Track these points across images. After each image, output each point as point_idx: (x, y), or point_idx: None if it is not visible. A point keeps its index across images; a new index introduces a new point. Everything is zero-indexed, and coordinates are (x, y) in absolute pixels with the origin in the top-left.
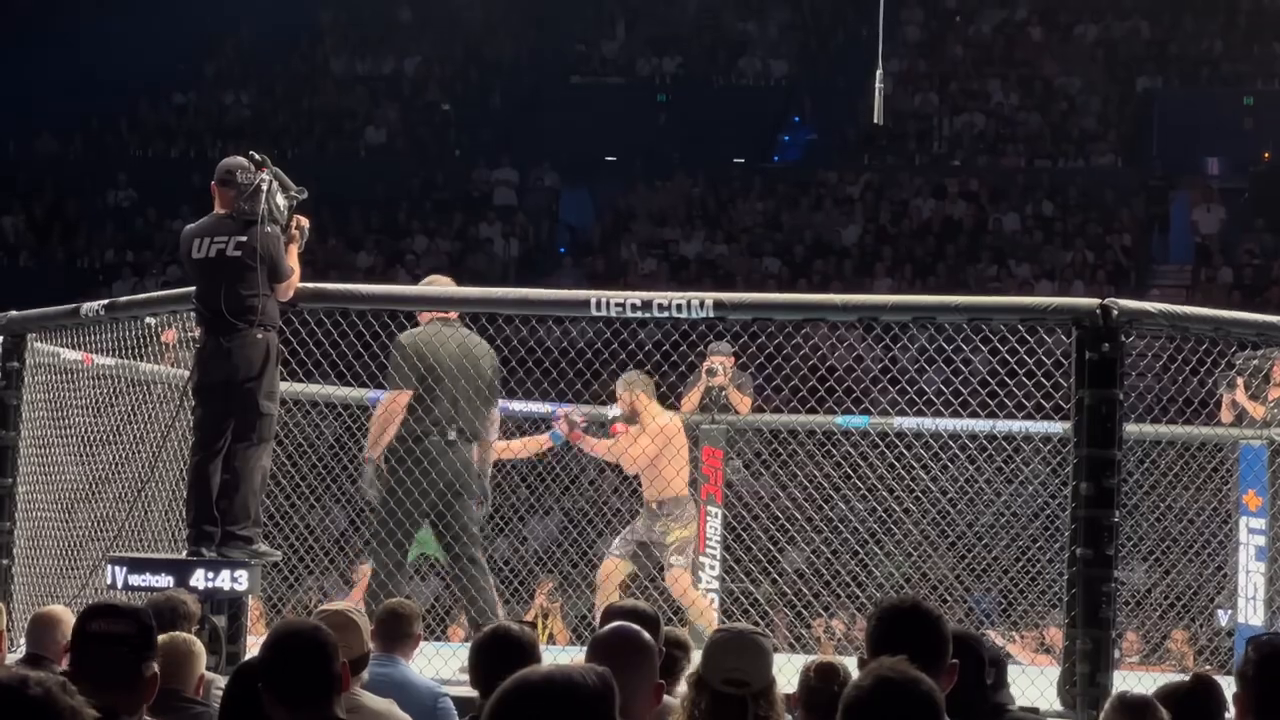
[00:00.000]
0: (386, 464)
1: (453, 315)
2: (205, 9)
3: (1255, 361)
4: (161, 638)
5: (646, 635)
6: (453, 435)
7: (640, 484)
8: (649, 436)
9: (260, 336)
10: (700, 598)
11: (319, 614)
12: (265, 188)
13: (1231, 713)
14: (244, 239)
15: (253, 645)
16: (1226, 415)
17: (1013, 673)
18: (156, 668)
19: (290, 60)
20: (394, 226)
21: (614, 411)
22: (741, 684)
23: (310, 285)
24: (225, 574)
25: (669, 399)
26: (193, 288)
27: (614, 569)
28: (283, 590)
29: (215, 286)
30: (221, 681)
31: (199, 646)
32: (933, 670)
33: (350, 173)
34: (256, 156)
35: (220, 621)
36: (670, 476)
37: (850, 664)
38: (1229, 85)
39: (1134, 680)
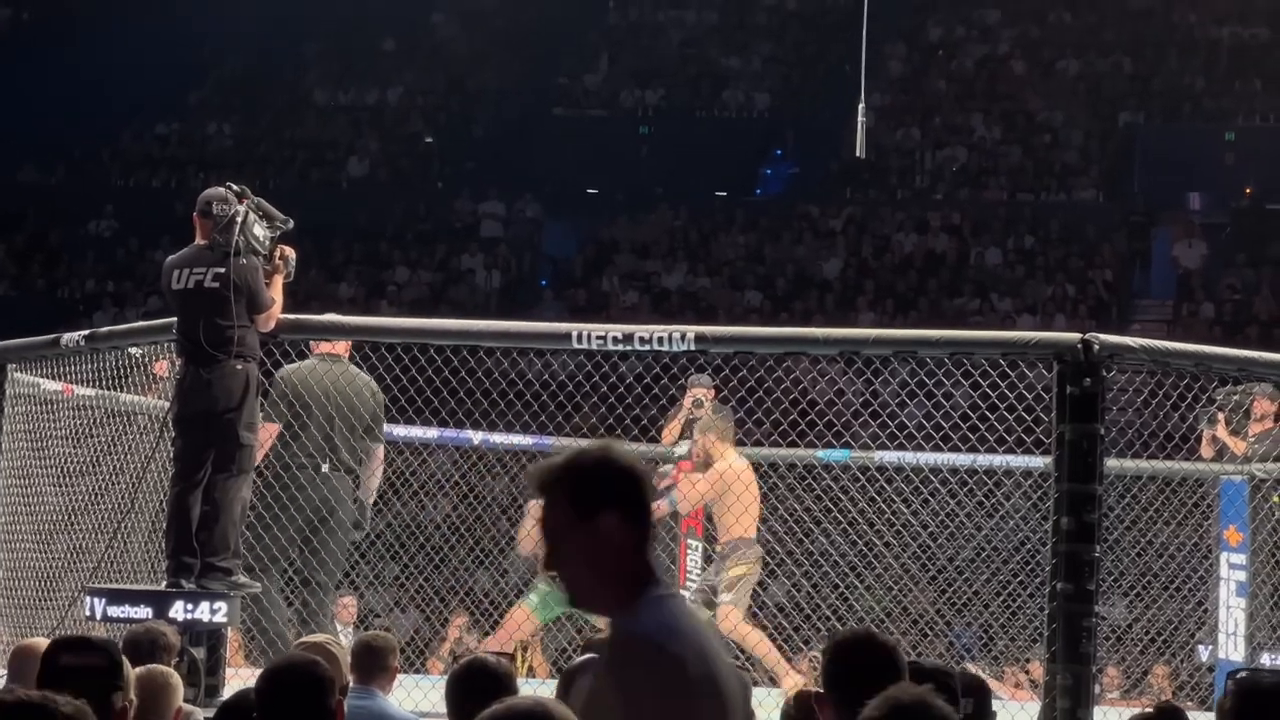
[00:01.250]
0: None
1: (340, 350)
2: (189, 39)
3: (1236, 397)
4: (138, 670)
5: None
6: (325, 467)
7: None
8: (707, 481)
9: (240, 368)
10: (753, 631)
11: (298, 645)
12: (240, 219)
13: None
14: (222, 270)
15: (231, 677)
16: (1207, 450)
17: (994, 708)
18: (125, 700)
19: (273, 90)
20: (375, 257)
21: (680, 449)
22: None
23: (290, 316)
24: (204, 606)
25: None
26: (174, 318)
27: (725, 615)
28: (263, 622)
29: (194, 318)
30: (200, 715)
31: (176, 679)
32: None
33: (332, 203)
34: (235, 188)
35: (199, 653)
36: (730, 521)
37: None
38: (1211, 121)
39: (1115, 716)
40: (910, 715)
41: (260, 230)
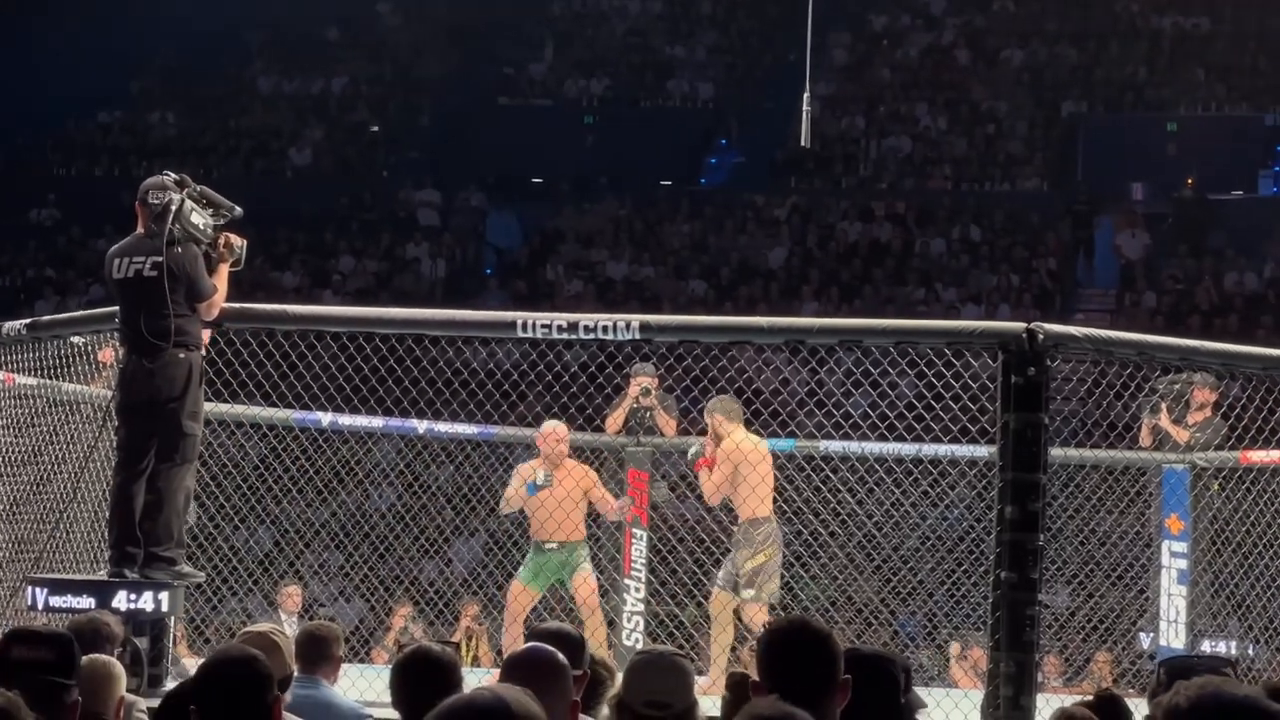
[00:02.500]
0: None
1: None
2: (132, 28)
3: (1178, 386)
4: (81, 660)
5: (561, 656)
6: None
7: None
8: (720, 469)
9: (182, 356)
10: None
11: (242, 635)
12: (175, 208)
13: None
14: (160, 259)
15: (175, 666)
16: (1146, 439)
17: (937, 695)
18: (78, 693)
19: (217, 79)
20: (320, 246)
21: (692, 449)
22: (663, 705)
23: (235, 305)
24: (148, 595)
25: (753, 424)
26: (116, 307)
27: (725, 603)
28: (206, 611)
29: (135, 307)
30: (142, 704)
31: (119, 669)
32: (825, 688)
33: (277, 192)
34: (174, 176)
35: (142, 643)
36: (741, 499)
37: None
38: (1153, 111)
39: (1057, 703)
40: None
41: (199, 218)
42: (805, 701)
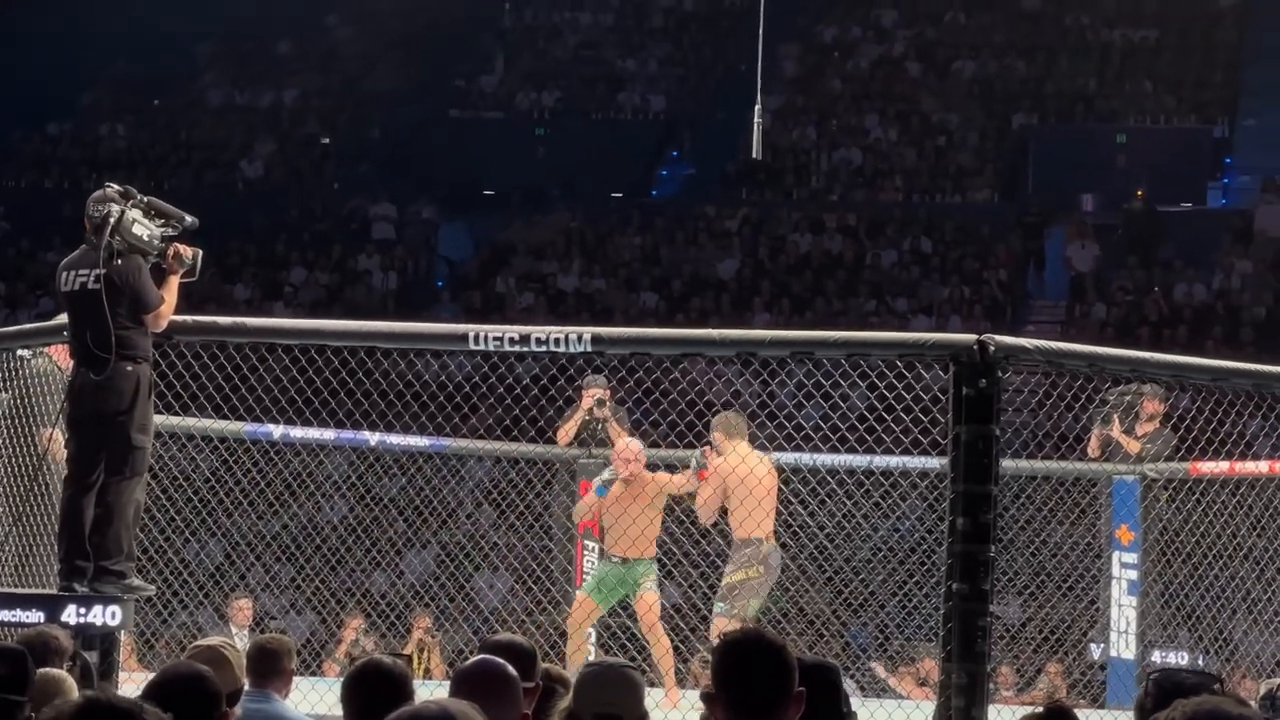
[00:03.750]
0: None
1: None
2: (82, 40)
3: (1128, 398)
4: (34, 675)
5: (510, 668)
6: None
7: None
8: (709, 485)
9: (130, 369)
10: None
11: (192, 649)
12: (114, 220)
13: None
14: (103, 271)
15: (125, 681)
16: (1095, 450)
17: (889, 707)
18: (30, 710)
19: (167, 91)
20: (271, 259)
21: (695, 461)
22: (613, 717)
23: (186, 318)
24: (98, 609)
25: (759, 439)
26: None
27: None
28: (157, 625)
29: (81, 320)
30: None
31: (69, 683)
32: (780, 700)
33: (228, 204)
34: (118, 188)
35: (92, 657)
36: (736, 521)
37: None
38: (1103, 123)
39: (1009, 714)
40: None
41: (143, 229)
42: (760, 713)
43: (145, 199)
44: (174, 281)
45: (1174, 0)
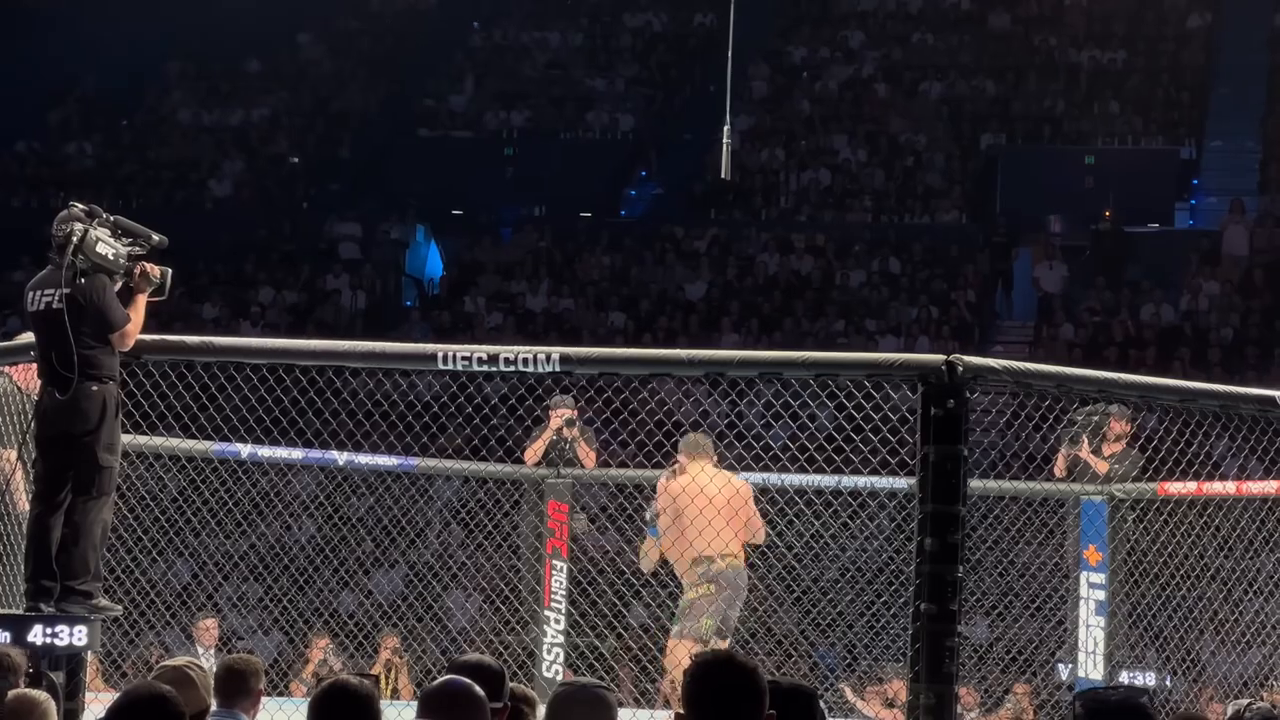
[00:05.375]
0: None
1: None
2: (50, 58)
3: (1096, 418)
4: (10, 694)
5: (478, 689)
6: None
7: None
8: (660, 502)
9: (96, 389)
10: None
11: (159, 670)
12: (76, 239)
13: None
14: (68, 291)
15: (91, 701)
16: (1061, 469)
17: None
18: None
19: (136, 110)
20: (240, 278)
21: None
22: None
23: (154, 337)
24: (64, 629)
25: (727, 459)
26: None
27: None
28: (123, 645)
29: (47, 339)
30: None
31: (49, 705)
32: None
33: (197, 223)
34: (82, 207)
35: (58, 678)
36: (690, 539)
37: None
38: (1071, 144)
39: None
40: None
41: (107, 248)
42: None
43: (112, 218)
44: (141, 300)
45: (1142, 22)
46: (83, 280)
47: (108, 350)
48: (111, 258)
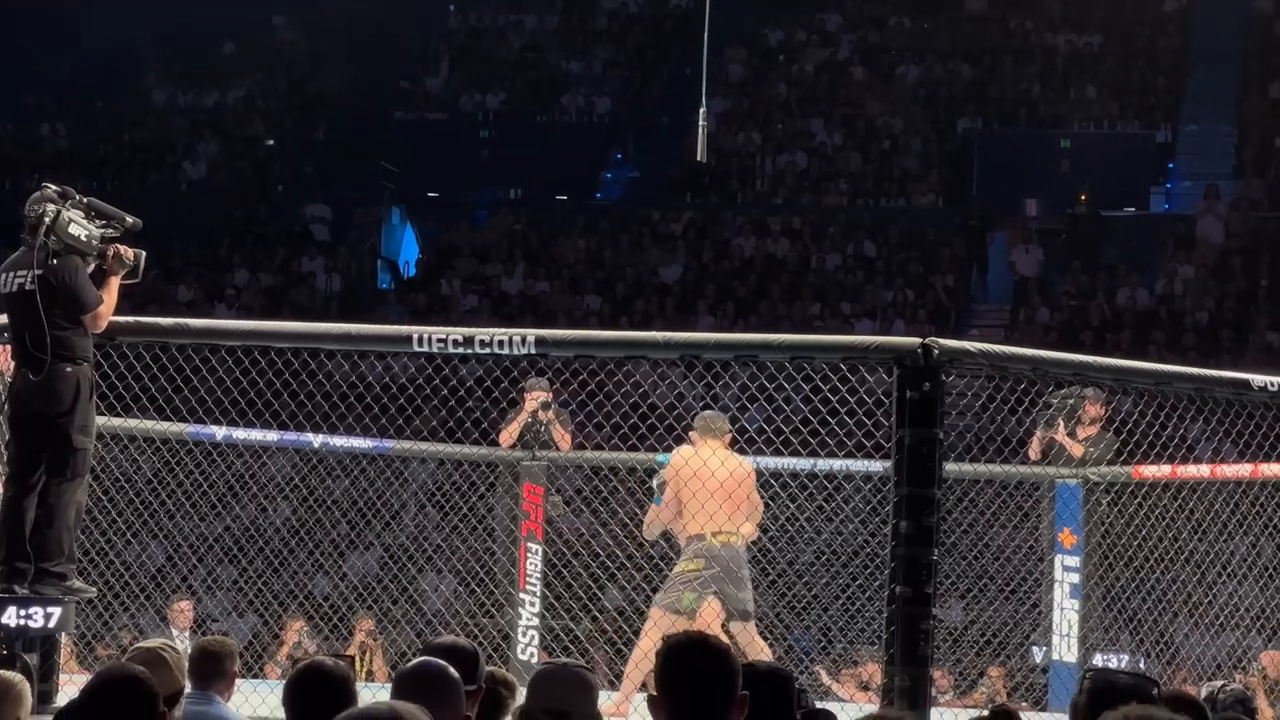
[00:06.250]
0: None
1: None
2: (24, 39)
3: (1071, 401)
4: None
5: (452, 670)
6: None
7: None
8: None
9: (69, 370)
10: (641, 654)
11: (133, 651)
12: (48, 220)
13: None
14: (40, 272)
15: (65, 683)
16: (1035, 452)
17: (832, 709)
18: None
19: (110, 92)
20: (215, 260)
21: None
22: (564, 715)
23: (129, 319)
24: (38, 611)
25: (736, 442)
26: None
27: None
28: (97, 627)
29: (20, 321)
30: None
31: (23, 688)
32: (724, 704)
33: (171, 205)
34: (55, 188)
35: (32, 659)
36: (687, 517)
37: None
38: (1047, 128)
39: (951, 716)
40: None
41: (79, 229)
42: (704, 716)
43: (85, 199)
44: (114, 282)
45: (1118, 6)
46: (55, 261)
47: (81, 332)
48: (84, 239)
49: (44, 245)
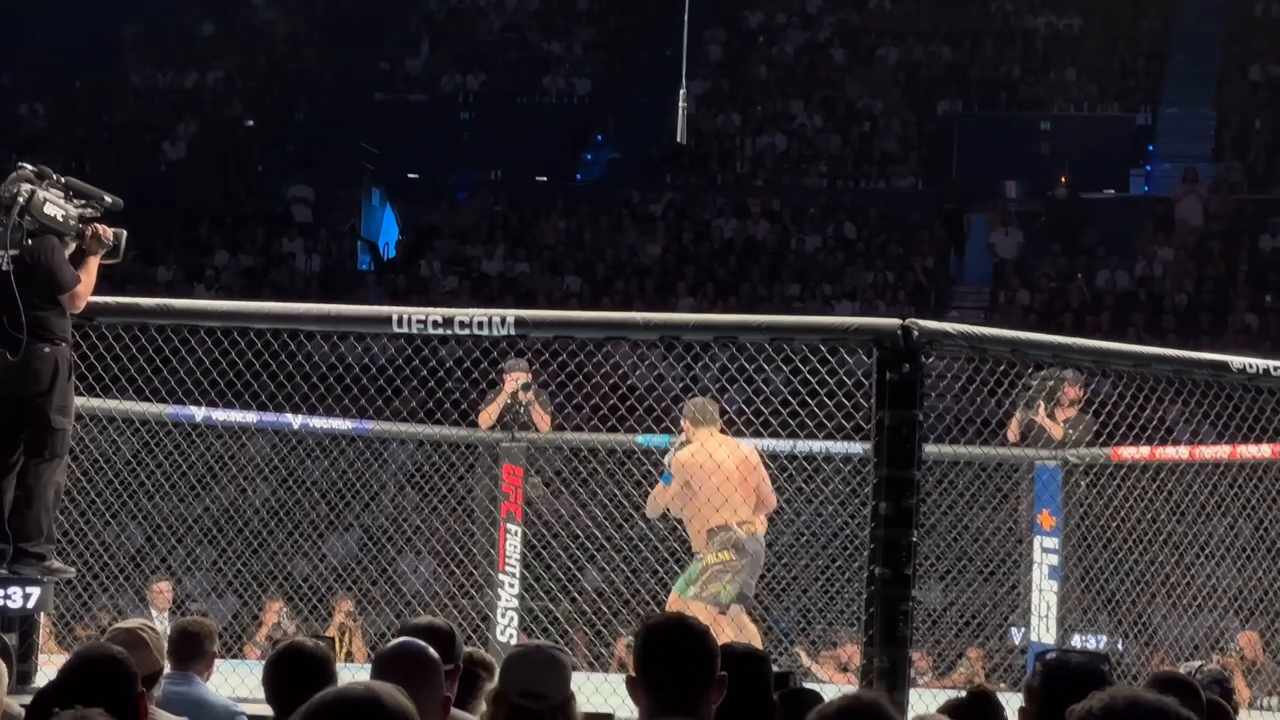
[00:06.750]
0: None
1: None
2: (1, 18)
3: (1050, 383)
4: None
5: (431, 650)
6: None
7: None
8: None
9: (47, 350)
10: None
11: (112, 632)
12: (22, 200)
13: None
14: (16, 253)
15: (44, 663)
16: (1013, 434)
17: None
18: None
19: (89, 72)
20: (194, 241)
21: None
22: (539, 696)
23: (109, 299)
24: (16, 591)
25: (731, 425)
26: None
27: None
28: (76, 608)
29: None
30: (15, 705)
31: (0, 668)
32: (702, 685)
33: (151, 186)
34: (31, 168)
35: (11, 639)
36: (709, 509)
37: None
38: (1027, 110)
39: (929, 697)
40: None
41: (56, 209)
42: (681, 698)
43: (63, 179)
44: (93, 262)
45: None
46: (30, 242)
47: (58, 312)
48: (61, 219)
49: (18, 225)
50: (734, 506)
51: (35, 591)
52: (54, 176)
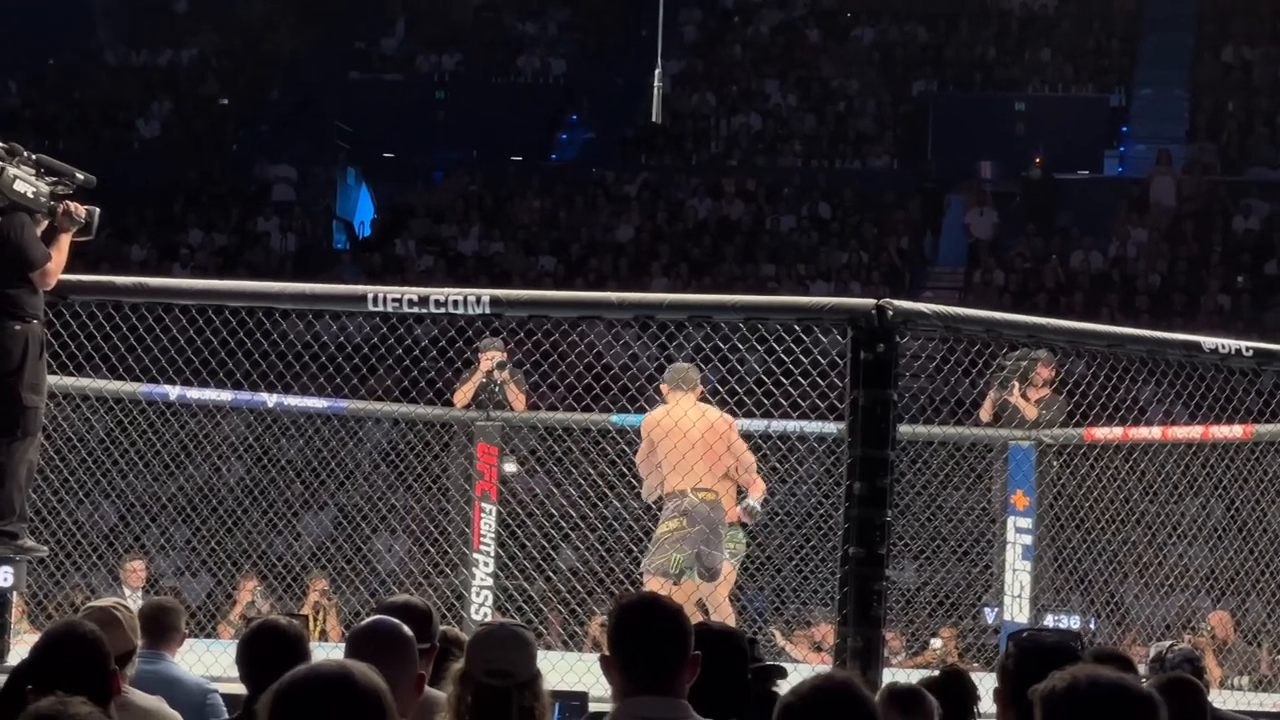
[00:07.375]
0: None
1: None
2: None
3: (1024, 364)
4: None
5: (405, 629)
6: None
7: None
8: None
9: (19, 328)
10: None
11: (85, 610)
12: None
13: (985, 703)
14: None
15: (16, 642)
16: (986, 414)
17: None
18: None
19: (62, 49)
20: (169, 220)
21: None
22: (505, 675)
23: (83, 277)
24: None
25: (712, 397)
26: None
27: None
28: (49, 586)
29: None
30: None
31: None
32: (676, 664)
33: (124, 164)
34: (1, 145)
35: None
36: (665, 474)
37: None
38: (1002, 91)
39: (903, 677)
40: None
41: (26, 186)
42: (655, 676)
43: (35, 156)
44: (64, 240)
45: None
46: (2, 218)
47: (30, 289)
48: (31, 196)
49: None
50: (694, 472)
51: (8, 570)
52: (24, 153)
